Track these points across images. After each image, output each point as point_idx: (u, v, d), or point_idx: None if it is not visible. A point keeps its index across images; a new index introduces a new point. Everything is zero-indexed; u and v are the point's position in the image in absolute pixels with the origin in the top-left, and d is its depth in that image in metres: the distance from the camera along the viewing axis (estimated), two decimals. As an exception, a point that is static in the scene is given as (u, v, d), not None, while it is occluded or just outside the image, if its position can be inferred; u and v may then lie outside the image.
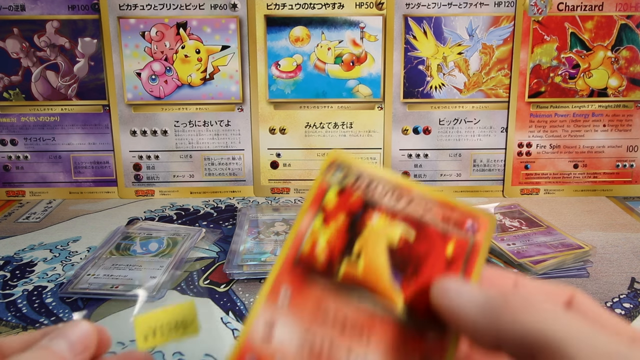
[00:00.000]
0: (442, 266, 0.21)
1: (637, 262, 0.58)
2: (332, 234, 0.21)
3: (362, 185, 0.22)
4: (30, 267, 0.57)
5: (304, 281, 0.21)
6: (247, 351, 0.20)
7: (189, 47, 0.74)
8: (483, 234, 0.21)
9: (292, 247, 0.21)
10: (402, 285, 0.21)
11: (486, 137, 0.76)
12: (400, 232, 0.21)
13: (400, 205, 0.22)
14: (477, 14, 0.73)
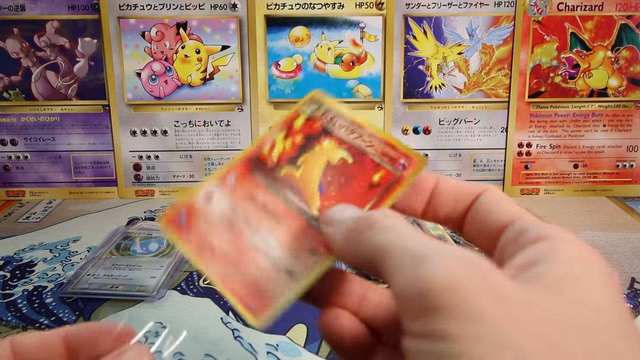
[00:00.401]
0: (364, 188, 0.24)
1: (637, 262, 0.58)
2: (287, 147, 0.26)
3: (326, 118, 0.26)
4: (30, 267, 0.57)
5: (249, 174, 0.25)
6: (183, 209, 0.25)
7: (189, 47, 0.74)
8: (410, 171, 0.24)
9: (253, 150, 0.26)
10: (323, 195, 0.25)
11: (486, 137, 0.76)
12: (341, 156, 0.25)
13: (350, 137, 0.25)
14: (477, 14, 0.73)
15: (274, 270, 0.23)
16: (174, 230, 0.25)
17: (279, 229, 0.24)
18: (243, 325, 0.47)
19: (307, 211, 0.24)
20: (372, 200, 0.24)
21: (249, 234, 0.24)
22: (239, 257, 0.24)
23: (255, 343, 0.44)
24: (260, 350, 0.43)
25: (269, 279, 0.23)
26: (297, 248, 0.24)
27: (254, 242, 0.24)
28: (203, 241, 0.24)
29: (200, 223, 0.25)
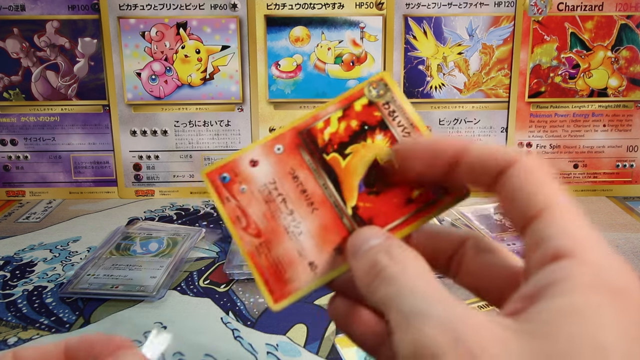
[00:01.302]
0: (401, 200, 0.24)
1: (637, 262, 0.58)
2: (340, 129, 0.25)
3: (387, 109, 0.26)
4: (30, 267, 0.57)
5: (297, 148, 0.25)
6: (227, 169, 0.25)
7: (189, 47, 0.74)
8: (449, 199, 0.24)
9: (305, 120, 0.26)
10: (361, 194, 0.24)
11: (486, 137, 0.76)
12: (390, 157, 0.25)
13: (405, 138, 0.25)
14: (477, 14, 0.73)
15: (299, 257, 0.23)
16: (214, 186, 0.25)
17: (312, 216, 0.24)
18: (243, 325, 0.47)
19: (342, 206, 0.24)
20: (404, 216, 0.24)
21: (284, 213, 0.24)
22: (270, 234, 0.24)
23: (255, 343, 0.44)
24: (260, 350, 0.43)
25: (293, 264, 0.23)
26: (324, 242, 0.24)
27: (286, 223, 0.24)
28: (240, 207, 0.24)
29: (241, 187, 0.25)
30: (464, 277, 0.24)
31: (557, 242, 0.18)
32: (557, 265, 0.17)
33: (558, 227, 0.19)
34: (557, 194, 0.20)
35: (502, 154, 0.21)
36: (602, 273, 0.17)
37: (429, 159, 0.23)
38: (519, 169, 0.20)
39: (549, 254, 0.18)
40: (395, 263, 0.20)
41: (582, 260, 0.17)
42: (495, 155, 0.21)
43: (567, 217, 0.19)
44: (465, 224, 0.62)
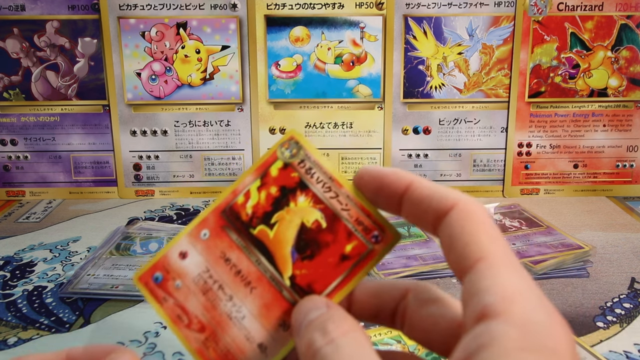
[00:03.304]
0: (336, 259, 0.24)
1: (637, 262, 0.58)
2: (261, 199, 0.25)
3: (304, 167, 0.25)
4: (30, 267, 0.57)
5: (223, 229, 0.24)
6: (159, 268, 0.24)
7: (189, 47, 0.74)
8: (382, 246, 0.24)
9: (225, 199, 0.25)
10: (295, 262, 0.24)
11: (486, 137, 0.76)
12: (316, 218, 0.24)
13: (327, 195, 0.24)
14: (477, 14, 0.73)
15: (248, 342, 0.23)
16: (149, 289, 0.24)
17: (252, 297, 0.23)
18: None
19: (279, 279, 0.24)
20: (342, 274, 0.23)
21: (223, 300, 0.24)
22: (214, 325, 0.23)
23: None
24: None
25: (244, 351, 0.23)
26: (269, 321, 0.23)
27: (227, 310, 0.23)
28: (178, 304, 0.24)
29: (176, 283, 0.24)
30: (408, 329, 0.24)
31: (485, 299, 0.17)
32: (485, 326, 0.17)
33: (488, 281, 0.18)
34: (492, 243, 0.19)
35: (440, 197, 0.21)
36: (528, 335, 0.16)
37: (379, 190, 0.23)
38: (455, 215, 0.20)
39: (477, 312, 0.17)
40: (328, 342, 0.19)
41: (509, 320, 0.17)
42: (434, 197, 0.21)
43: (498, 268, 0.18)
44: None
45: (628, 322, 0.48)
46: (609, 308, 0.50)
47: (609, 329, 0.47)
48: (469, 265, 0.19)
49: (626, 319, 0.48)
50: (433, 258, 0.56)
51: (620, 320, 0.48)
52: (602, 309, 0.49)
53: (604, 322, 0.47)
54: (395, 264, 0.55)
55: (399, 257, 0.56)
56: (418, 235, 0.61)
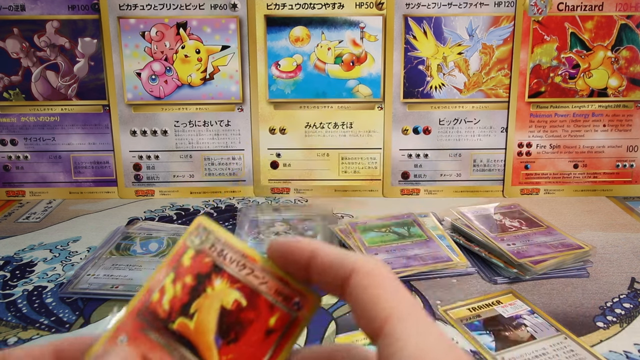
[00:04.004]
0: (261, 335, 0.23)
1: (637, 262, 0.58)
2: (177, 292, 0.24)
3: (215, 251, 0.25)
4: (30, 267, 0.57)
5: (141, 332, 0.23)
6: None
7: (189, 47, 0.74)
8: (305, 312, 0.23)
9: (140, 300, 0.24)
10: (220, 349, 0.23)
11: (486, 137, 0.76)
12: (235, 298, 0.24)
13: (242, 273, 0.24)
14: (477, 14, 0.73)
15: None
16: None
17: None
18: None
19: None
20: (271, 348, 0.23)
21: None
22: None
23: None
24: None
25: None
26: None
27: None
28: None
29: None
30: None
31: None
32: None
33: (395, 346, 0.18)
34: (395, 301, 0.19)
35: (340, 264, 0.21)
36: None
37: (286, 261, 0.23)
38: (357, 280, 0.20)
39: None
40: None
41: None
42: (334, 265, 0.21)
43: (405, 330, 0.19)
44: (465, 224, 0.62)
45: (628, 322, 0.48)
46: (609, 308, 0.50)
47: (609, 329, 0.47)
48: (377, 329, 0.19)
49: (626, 319, 0.48)
50: (433, 258, 0.56)
51: (620, 320, 0.48)
52: (602, 309, 0.49)
53: (604, 322, 0.47)
54: (395, 264, 0.55)
55: (398, 257, 0.56)
56: (418, 235, 0.61)
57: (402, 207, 0.69)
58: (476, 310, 0.49)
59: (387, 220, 0.64)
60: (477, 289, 0.53)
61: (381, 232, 0.61)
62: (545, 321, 0.47)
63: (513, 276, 0.54)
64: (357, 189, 0.78)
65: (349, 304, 0.21)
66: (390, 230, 0.62)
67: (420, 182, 0.77)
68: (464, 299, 0.51)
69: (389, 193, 0.78)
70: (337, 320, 0.48)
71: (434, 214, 0.68)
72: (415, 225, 0.63)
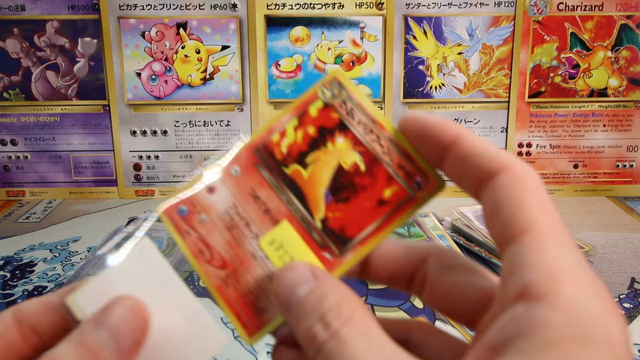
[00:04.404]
0: (373, 203, 0.22)
1: (637, 262, 0.58)
2: (298, 138, 0.23)
3: (345, 108, 0.23)
4: (30, 267, 0.57)
5: (254, 166, 0.23)
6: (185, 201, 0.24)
7: (189, 47, 0.74)
8: (424, 193, 0.22)
9: (260, 136, 0.24)
10: (328, 204, 0.23)
11: (486, 137, 0.76)
12: (354, 160, 0.23)
13: (368, 138, 0.23)
14: (477, 14, 0.73)
15: (270, 283, 0.22)
16: (173, 221, 0.23)
17: None
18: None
19: (309, 221, 0.23)
20: (378, 219, 0.22)
21: (248, 238, 0.23)
22: (237, 263, 0.22)
23: (255, 343, 0.44)
24: (260, 350, 0.43)
25: (264, 292, 0.22)
26: None
27: (252, 248, 0.23)
28: (201, 238, 0.23)
29: (201, 217, 0.23)
30: (428, 297, 0.22)
31: (529, 276, 0.16)
32: (526, 309, 0.15)
33: (534, 256, 0.16)
34: (543, 213, 0.17)
35: (490, 157, 0.19)
36: (576, 323, 0.14)
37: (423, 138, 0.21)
38: (505, 179, 0.18)
39: (518, 290, 0.16)
40: (331, 336, 0.18)
41: (555, 305, 0.15)
42: (482, 157, 0.19)
43: (547, 243, 0.16)
44: (465, 224, 0.62)
45: (628, 322, 0.48)
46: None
47: (609, 329, 0.47)
48: (513, 236, 0.17)
49: (626, 319, 0.48)
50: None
51: (620, 320, 0.48)
52: (602, 309, 0.49)
53: (604, 322, 0.47)
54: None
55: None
56: (418, 235, 0.61)
57: (402, 207, 0.69)
58: (476, 310, 0.49)
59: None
60: (477, 289, 0.53)
61: (381, 232, 0.61)
62: (545, 321, 0.47)
63: (513, 276, 0.54)
64: (357, 189, 0.78)
65: (482, 202, 0.19)
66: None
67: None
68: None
69: (389, 193, 0.78)
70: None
71: (434, 214, 0.68)
72: (415, 225, 0.63)
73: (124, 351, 0.19)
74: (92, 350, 0.18)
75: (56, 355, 0.18)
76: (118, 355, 0.19)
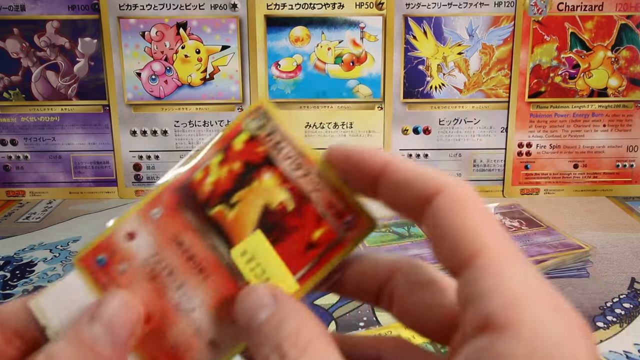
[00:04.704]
0: (301, 247, 0.21)
1: (637, 262, 0.58)
2: (222, 176, 0.22)
3: (271, 141, 0.22)
4: (30, 267, 0.57)
5: (177, 208, 0.22)
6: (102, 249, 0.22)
7: (189, 47, 0.74)
8: (355, 234, 0.21)
9: (183, 174, 0.22)
10: None
11: (486, 137, 0.76)
12: (282, 199, 0.21)
13: (296, 174, 0.21)
14: (477, 14, 0.73)
15: (197, 338, 0.20)
16: (90, 273, 0.22)
17: (205, 286, 0.21)
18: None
19: (236, 267, 0.21)
20: (307, 265, 0.21)
21: (172, 289, 0.21)
22: (161, 317, 0.21)
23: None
24: None
25: (192, 347, 0.20)
26: (223, 313, 0.20)
27: (176, 299, 0.21)
28: None
29: (121, 267, 0.22)
30: (397, 314, 0.21)
31: (489, 306, 0.15)
32: (489, 341, 0.15)
33: (490, 281, 0.16)
34: (489, 232, 0.17)
35: (423, 180, 0.18)
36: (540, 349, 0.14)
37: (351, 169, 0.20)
38: (443, 201, 0.17)
39: (479, 320, 0.15)
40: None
41: (517, 334, 0.14)
42: (416, 181, 0.18)
43: (500, 264, 0.16)
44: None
45: (628, 322, 0.48)
46: (609, 308, 0.50)
47: (609, 329, 0.47)
48: (465, 261, 0.16)
49: (626, 319, 0.48)
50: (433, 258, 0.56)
51: (621, 321, 0.48)
52: (602, 309, 0.49)
53: (604, 322, 0.47)
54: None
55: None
56: (418, 235, 0.61)
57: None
58: (476, 311, 0.49)
59: (387, 220, 0.64)
60: (477, 289, 0.53)
61: (381, 232, 0.61)
62: (545, 321, 0.47)
63: (513, 276, 0.54)
64: (357, 189, 0.78)
65: (426, 229, 0.18)
66: (390, 230, 0.62)
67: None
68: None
69: (389, 193, 0.78)
70: (337, 320, 0.48)
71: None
72: (415, 225, 0.63)
73: (120, 344, 0.19)
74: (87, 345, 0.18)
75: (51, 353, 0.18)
76: (114, 348, 0.18)
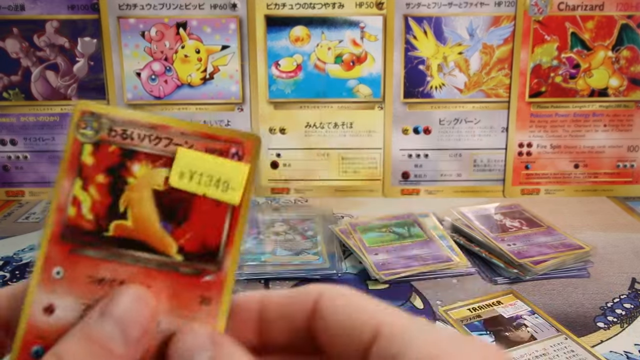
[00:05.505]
0: (210, 204, 0.20)
1: (637, 262, 0.58)
2: (94, 196, 0.20)
3: (117, 135, 0.21)
4: (30, 267, 0.57)
5: (74, 255, 0.20)
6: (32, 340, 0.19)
7: (189, 47, 0.74)
8: (248, 158, 0.21)
9: (55, 222, 0.20)
10: (173, 232, 0.20)
11: (486, 137, 0.76)
12: (164, 176, 0.20)
13: (160, 146, 0.21)
14: (477, 13, 0.73)
15: None
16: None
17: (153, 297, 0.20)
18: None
19: (167, 261, 0.20)
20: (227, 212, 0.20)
21: None
22: None
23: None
24: (260, 351, 0.43)
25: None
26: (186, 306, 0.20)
27: None
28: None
29: None
30: None
31: None
32: None
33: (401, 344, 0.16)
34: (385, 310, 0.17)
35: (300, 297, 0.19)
36: None
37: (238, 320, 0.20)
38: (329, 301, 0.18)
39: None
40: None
41: None
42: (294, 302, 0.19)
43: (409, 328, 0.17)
44: (465, 224, 0.62)
45: (629, 322, 0.48)
46: (609, 308, 0.49)
47: (610, 329, 0.47)
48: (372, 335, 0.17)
49: (627, 320, 0.48)
50: (433, 258, 0.56)
51: (621, 321, 0.48)
52: (602, 310, 0.49)
53: (605, 323, 0.47)
54: (395, 264, 0.55)
55: (399, 257, 0.56)
56: (418, 235, 0.61)
57: (402, 207, 0.69)
58: (477, 311, 0.49)
59: (387, 221, 0.64)
60: (478, 290, 0.53)
61: (381, 232, 0.61)
62: (546, 322, 0.47)
63: (513, 276, 0.54)
64: (357, 189, 0.78)
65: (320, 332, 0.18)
66: (390, 230, 0.62)
67: (420, 182, 0.77)
68: (464, 299, 0.51)
69: (389, 193, 0.78)
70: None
71: (434, 214, 0.68)
72: (415, 226, 0.63)
73: (133, 341, 0.18)
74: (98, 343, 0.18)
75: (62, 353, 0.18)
76: (127, 345, 0.18)
